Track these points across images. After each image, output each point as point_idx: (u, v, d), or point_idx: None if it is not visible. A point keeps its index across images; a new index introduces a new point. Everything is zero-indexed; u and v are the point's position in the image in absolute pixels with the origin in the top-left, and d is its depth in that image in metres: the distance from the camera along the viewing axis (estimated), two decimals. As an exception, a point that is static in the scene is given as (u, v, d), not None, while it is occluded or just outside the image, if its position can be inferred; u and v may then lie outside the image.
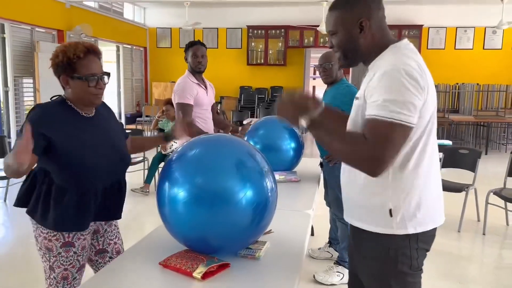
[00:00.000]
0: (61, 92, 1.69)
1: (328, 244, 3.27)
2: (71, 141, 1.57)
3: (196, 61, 2.98)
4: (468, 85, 9.34)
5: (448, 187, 4.15)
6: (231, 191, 1.43)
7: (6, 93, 7.17)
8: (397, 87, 1.22)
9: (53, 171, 1.59)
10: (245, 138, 2.82)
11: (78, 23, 8.20)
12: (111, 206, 1.72)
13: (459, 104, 9.59)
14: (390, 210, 1.32)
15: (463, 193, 3.97)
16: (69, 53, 1.58)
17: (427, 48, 10.16)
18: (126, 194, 1.80)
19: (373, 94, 1.26)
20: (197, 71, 3.03)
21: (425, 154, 1.32)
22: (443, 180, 4.56)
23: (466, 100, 9.27)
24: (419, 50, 9.95)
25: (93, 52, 1.63)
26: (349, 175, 1.43)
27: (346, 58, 1.43)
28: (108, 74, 1.68)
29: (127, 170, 1.84)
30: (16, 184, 4.84)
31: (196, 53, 2.98)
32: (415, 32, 10.01)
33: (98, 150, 1.63)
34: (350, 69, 11.54)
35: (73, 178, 1.59)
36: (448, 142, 7.53)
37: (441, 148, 7.41)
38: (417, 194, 1.33)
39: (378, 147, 1.21)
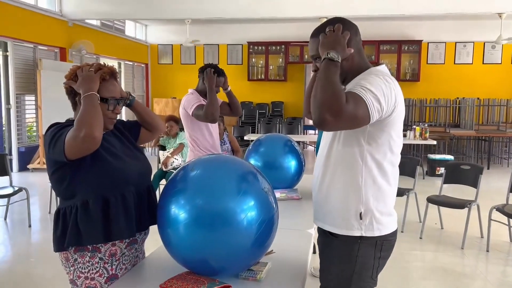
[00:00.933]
0: (62, 109, 1.67)
1: None
2: (97, 152, 1.51)
3: (215, 91, 2.99)
4: (469, 100, 9.37)
5: (450, 203, 4.13)
6: (232, 212, 1.41)
7: (8, 110, 7.21)
8: (374, 82, 1.36)
9: (85, 185, 1.52)
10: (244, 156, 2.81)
11: (82, 41, 8.29)
12: (149, 210, 1.65)
13: (460, 119, 9.62)
14: (360, 214, 1.47)
15: (466, 209, 3.94)
16: (102, 73, 1.58)
17: (426, 63, 10.22)
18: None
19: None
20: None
21: (392, 163, 1.49)
22: (445, 196, 4.57)
23: (466, 114, 9.30)
24: (419, 65, 10.03)
25: (115, 76, 1.65)
26: (326, 181, 1.53)
27: None
28: (125, 100, 1.68)
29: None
30: (18, 203, 4.83)
31: (218, 84, 3.01)
32: (414, 47, 10.09)
33: (120, 157, 1.61)
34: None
35: (109, 184, 1.54)
36: (449, 157, 7.53)
37: (443, 163, 7.46)
38: (384, 199, 1.49)
39: (350, 108, 1.29)
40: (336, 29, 1.43)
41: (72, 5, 7.98)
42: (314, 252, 3.57)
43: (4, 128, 7.26)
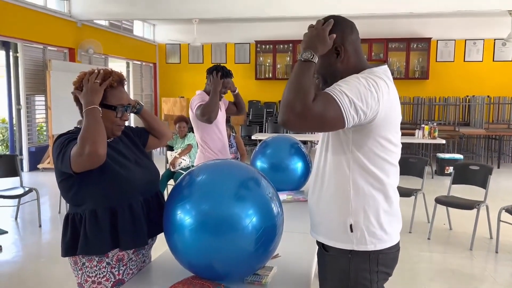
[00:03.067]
0: (71, 109, 1.63)
1: None
2: (104, 163, 1.50)
3: (223, 92, 3.07)
4: (479, 98, 9.27)
5: (459, 204, 4.10)
6: (237, 217, 1.42)
7: (18, 111, 7.29)
8: (352, 83, 1.27)
9: (93, 196, 1.53)
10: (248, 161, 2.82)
11: (89, 41, 8.35)
12: (156, 219, 1.63)
13: (470, 117, 9.52)
14: (351, 226, 1.37)
15: (475, 210, 3.91)
16: (110, 80, 1.57)
17: (436, 61, 10.12)
18: None
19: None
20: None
21: (386, 173, 1.38)
22: (453, 197, 4.52)
23: (476, 112, 9.20)
24: (428, 63, 9.93)
25: (122, 83, 1.65)
26: (317, 190, 1.46)
27: (325, 83, 1.45)
28: (132, 107, 1.69)
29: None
30: (28, 203, 4.89)
31: (226, 86, 3.06)
32: (423, 45, 10.00)
33: (129, 168, 1.61)
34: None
35: (116, 195, 1.55)
36: (459, 156, 7.46)
37: (452, 162, 7.39)
38: (377, 211, 1.37)
39: (316, 108, 1.21)
40: (316, 24, 1.37)
41: (81, 5, 8.04)
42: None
43: (14, 129, 7.35)
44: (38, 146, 7.66)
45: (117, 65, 10.10)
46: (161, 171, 5.20)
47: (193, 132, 5.90)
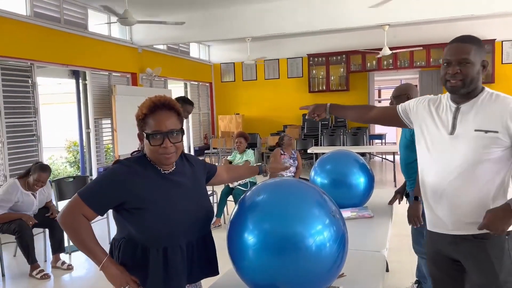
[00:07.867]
0: (135, 131, 1.59)
1: (416, 284, 3.01)
2: (150, 198, 1.49)
3: None
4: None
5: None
6: (301, 236, 1.41)
7: (87, 134, 7.80)
8: None
9: (135, 230, 1.51)
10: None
11: (150, 65, 8.80)
12: (199, 264, 1.59)
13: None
14: None
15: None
16: (142, 109, 1.52)
17: (501, 63, 9.54)
18: (216, 250, 1.69)
19: None
20: None
21: None
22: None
23: (552, 116, 8.48)
24: (493, 66, 9.37)
25: (164, 106, 1.51)
26: (466, 187, 1.64)
27: (467, 86, 1.65)
28: (180, 131, 1.55)
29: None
30: (100, 221, 5.16)
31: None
32: (487, 47, 9.43)
33: (178, 206, 1.53)
34: (418, 87, 11.12)
35: (155, 235, 1.50)
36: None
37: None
38: None
39: None
40: None
41: (141, 32, 8.52)
42: (387, 270, 3.43)
43: (85, 150, 7.87)
44: (106, 166, 8.11)
45: (176, 86, 10.53)
46: (220, 188, 5.32)
47: (252, 149, 5.97)
